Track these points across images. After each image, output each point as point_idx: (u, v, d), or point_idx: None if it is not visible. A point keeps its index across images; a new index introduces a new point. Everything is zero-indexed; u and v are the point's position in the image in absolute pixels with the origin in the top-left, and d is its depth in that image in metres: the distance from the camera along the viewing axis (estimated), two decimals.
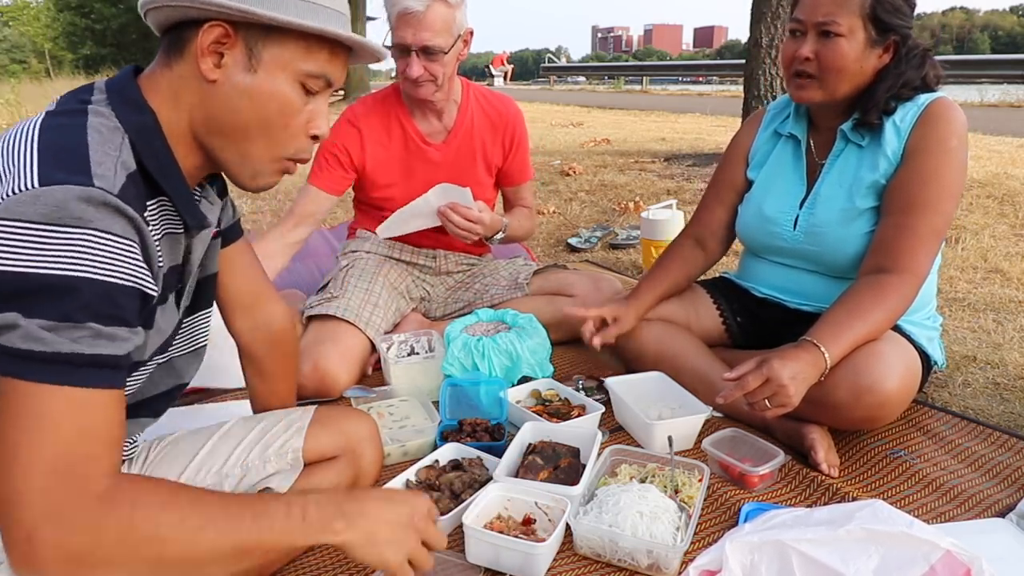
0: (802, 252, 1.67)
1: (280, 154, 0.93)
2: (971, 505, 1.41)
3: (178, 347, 1.07)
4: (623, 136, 7.94)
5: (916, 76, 1.54)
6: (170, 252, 0.94)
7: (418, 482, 1.40)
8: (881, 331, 1.45)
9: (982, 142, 6.11)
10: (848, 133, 1.61)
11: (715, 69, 20.60)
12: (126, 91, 0.87)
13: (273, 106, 0.89)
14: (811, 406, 1.49)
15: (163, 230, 0.91)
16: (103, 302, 0.75)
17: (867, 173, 1.57)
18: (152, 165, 0.85)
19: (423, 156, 2.10)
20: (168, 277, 0.94)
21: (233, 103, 0.88)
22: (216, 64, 0.86)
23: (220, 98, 0.88)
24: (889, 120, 1.55)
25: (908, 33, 1.53)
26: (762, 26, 4.58)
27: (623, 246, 3.47)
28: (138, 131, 0.85)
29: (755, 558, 1.07)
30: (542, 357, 1.91)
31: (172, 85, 0.88)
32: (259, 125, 0.89)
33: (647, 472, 1.42)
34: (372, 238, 2.20)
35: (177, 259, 0.97)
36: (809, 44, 1.53)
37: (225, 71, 0.87)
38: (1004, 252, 3.08)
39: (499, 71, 26.11)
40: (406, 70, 1.88)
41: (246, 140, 0.90)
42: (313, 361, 1.82)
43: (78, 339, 0.74)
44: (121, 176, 0.79)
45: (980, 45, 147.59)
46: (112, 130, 0.83)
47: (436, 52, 1.86)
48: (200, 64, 0.86)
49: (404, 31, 1.83)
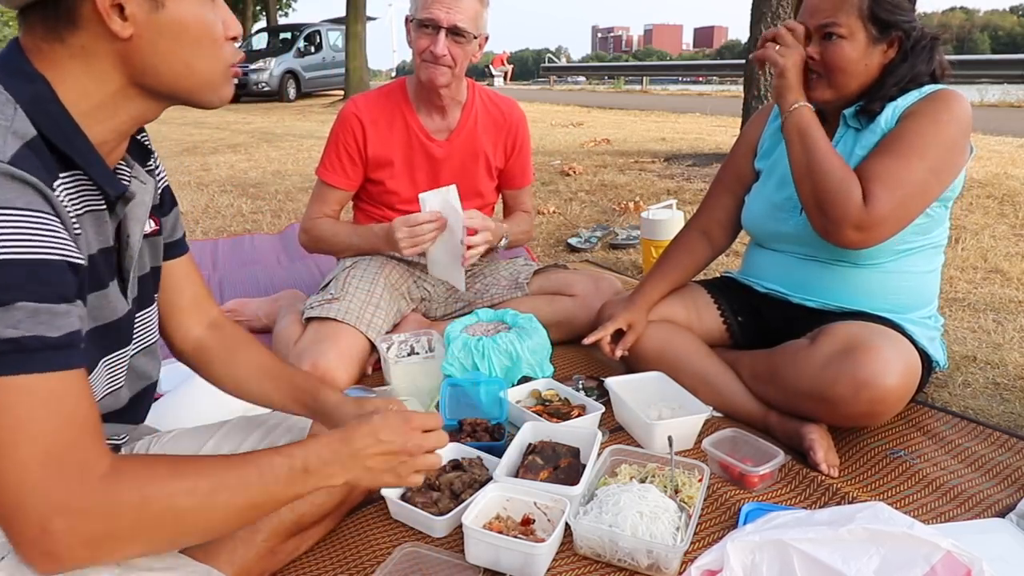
0: (806, 238, 1.67)
1: (225, 66, 0.91)
2: (971, 505, 1.41)
3: (135, 346, 1.04)
4: (623, 136, 7.94)
5: (926, 71, 1.55)
6: (97, 231, 0.89)
7: None
8: (831, 169, 1.48)
9: (982, 142, 6.10)
10: (849, 118, 1.62)
11: (715, 69, 20.59)
12: (12, 63, 0.82)
13: (196, 29, 0.86)
14: (810, 402, 1.50)
15: (83, 206, 0.86)
16: (29, 282, 0.72)
17: (861, 151, 1.57)
18: (54, 134, 0.80)
19: (425, 152, 2.10)
20: (101, 260, 0.90)
21: (159, 46, 0.84)
22: (122, 18, 0.81)
23: (144, 48, 0.84)
24: (890, 104, 1.56)
25: (911, 27, 1.53)
26: (762, 26, 4.58)
27: (623, 246, 3.47)
28: (32, 101, 0.80)
29: (756, 558, 1.07)
30: (542, 357, 1.91)
31: (76, 57, 0.82)
32: (193, 52, 0.87)
33: (647, 472, 1.42)
34: None
35: (107, 240, 0.91)
36: (813, 47, 1.56)
37: (135, 21, 0.82)
38: (1004, 252, 3.08)
39: (499, 71, 26.10)
40: (431, 47, 1.90)
41: (190, 71, 0.88)
42: (312, 361, 1.82)
43: (17, 323, 0.71)
44: (13, 144, 0.75)
45: (980, 45, 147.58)
46: (2, 103, 0.78)
47: (463, 35, 1.90)
48: (109, 26, 0.81)
49: (438, 9, 1.86)
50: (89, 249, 0.86)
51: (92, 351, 0.90)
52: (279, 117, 11.73)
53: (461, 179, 2.15)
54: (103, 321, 0.92)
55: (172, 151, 7.42)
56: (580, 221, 4.02)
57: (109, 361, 0.95)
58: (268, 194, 4.99)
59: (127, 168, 0.96)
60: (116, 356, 0.97)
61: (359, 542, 1.31)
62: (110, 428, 1.04)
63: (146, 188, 0.98)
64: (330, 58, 17.17)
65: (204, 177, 5.76)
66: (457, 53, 1.92)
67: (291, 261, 3.30)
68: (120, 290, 0.96)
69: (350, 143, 2.06)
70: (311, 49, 16.96)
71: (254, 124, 10.59)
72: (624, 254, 3.40)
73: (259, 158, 6.85)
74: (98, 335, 0.91)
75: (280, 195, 4.94)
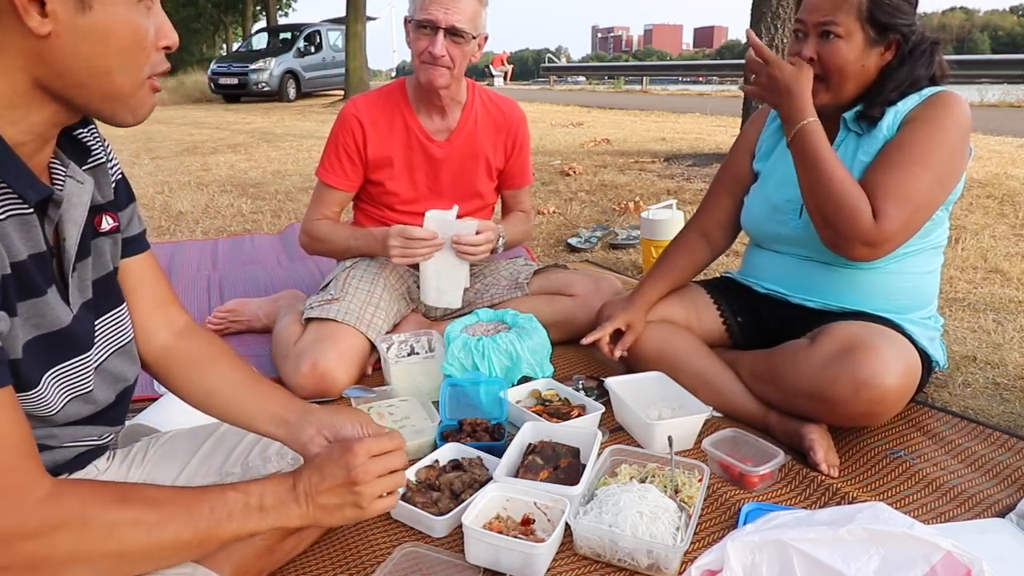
0: (806, 240, 1.67)
1: (143, 77, 0.85)
2: (971, 505, 1.41)
3: (104, 349, 1.01)
4: (623, 136, 7.93)
5: (926, 75, 1.55)
6: (24, 237, 0.83)
7: (418, 482, 1.40)
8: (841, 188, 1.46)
9: (982, 142, 6.10)
10: (849, 122, 1.61)
11: (715, 69, 20.56)
12: None
13: (124, 36, 0.81)
14: (810, 402, 1.50)
15: (5, 212, 0.80)
16: None
17: (864, 157, 1.57)
18: None
19: (425, 152, 2.10)
20: (33, 266, 0.85)
21: (80, 49, 0.78)
22: (42, 14, 0.75)
23: (63, 49, 0.78)
24: (891, 109, 1.55)
25: (910, 30, 1.53)
26: (762, 26, 4.59)
27: (623, 246, 3.47)
28: None
29: (756, 558, 1.07)
30: (542, 357, 1.91)
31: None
32: (117, 61, 0.81)
33: (647, 472, 1.42)
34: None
35: (38, 246, 0.86)
36: (810, 45, 1.55)
37: (56, 19, 0.76)
38: (1004, 252, 3.08)
39: (499, 71, 26.10)
40: (429, 48, 1.89)
41: (108, 80, 0.82)
42: (312, 361, 1.82)
43: None
44: None
45: (980, 45, 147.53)
46: None
47: (461, 36, 1.89)
48: (26, 21, 0.75)
49: (436, 10, 1.86)
50: (16, 256, 0.82)
51: (33, 363, 0.86)
52: (279, 117, 11.73)
53: (460, 179, 2.15)
54: (45, 330, 0.88)
55: (172, 151, 7.41)
56: (580, 221, 4.02)
57: (64, 369, 0.92)
58: (268, 194, 4.99)
59: (62, 168, 0.91)
60: (72, 364, 0.93)
61: (359, 542, 1.31)
62: (88, 430, 1.02)
63: (84, 187, 0.93)
64: (330, 58, 17.16)
65: (204, 177, 5.76)
66: (456, 54, 1.92)
67: (291, 261, 3.29)
68: (61, 296, 0.91)
69: (350, 144, 2.06)
70: (311, 49, 16.96)
71: (254, 124, 10.58)
72: (624, 254, 3.40)
73: (259, 158, 6.85)
74: (41, 345, 0.87)
75: (280, 195, 4.94)
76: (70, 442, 1.00)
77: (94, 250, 0.99)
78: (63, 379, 0.92)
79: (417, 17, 1.89)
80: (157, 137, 8.53)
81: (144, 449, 1.20)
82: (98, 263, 1.00)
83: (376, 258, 2.14)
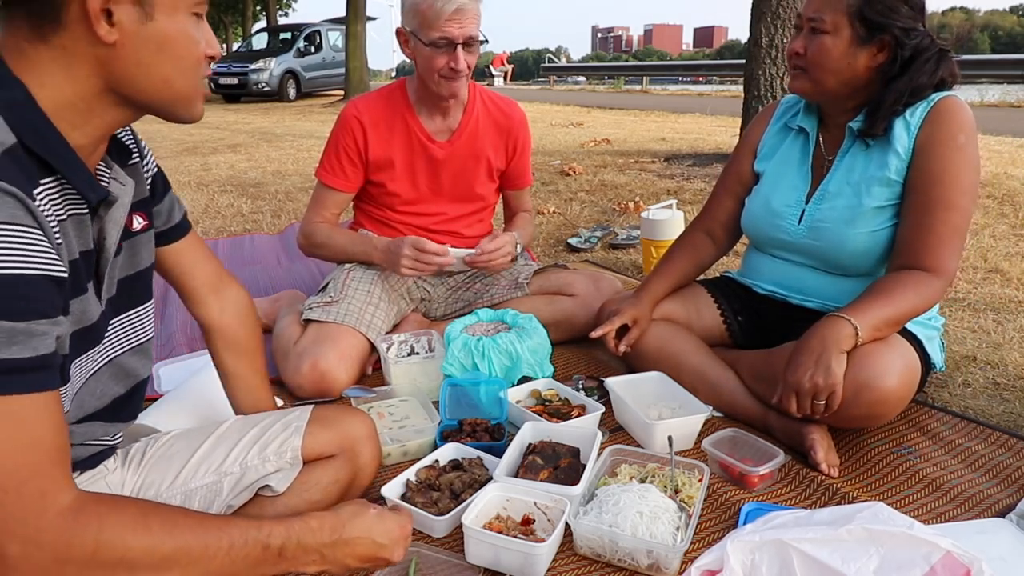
0: (804, 247, 1.67)
1: (199, 82, 0.92)
2: (971, 505, 1.41)
3: (119, 345, 1.04)
4: (623, 136, 7.94)
5: (929, 83, 1.53)
6: (79, 235, 0.88)
7: (418, 482, 1.39)
8: (908, 315, 1.47)
9: (982, 142, 6.10)
10: (856, 131, 1.61)
11: (715, 69, 20.60)
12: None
13: (181, 45, 0.87)
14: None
15: (66, 211, 0.86)
16: (8, 298, 0.71)
17: (876, 170, 1.57)
18: (33, 140, 0.80)
19: (426, 153, 2.10)
20: (82, 264, 0.89)
21: (142, 57, 0.84)
22: (109, 24, 0.81)
23: (127, 58, 0.84)
24: (898, 120, 1.55)
25: (907, 34, 1.51)
26: (762, 26, 4.58)
27: (623, 246, 3.47)
28: (8, 107, 0.79)
29: (756, 557, 1.07)
30: (542, 357, 1.91)
31: (57, 59, 0.82)
32: (174, 68, 0.88)
33: (647, 472, 1.42)
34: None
35: (88, 244, 0.91)
36: (801, 39, 1.58)
37: (121, 29, 0.82)
38: (1004, 252, 3.08)
39: (499, 71, 26.12)
40: (451, 63, 1.89)
41: (168, 86, 0.88)
42: (312, 361, 1.82)
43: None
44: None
45: (980, 45, 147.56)
46: None
47: (475, 43, 1.90)
48: (96, 29, 0.80)
49: (451, 27, 1.85)
50: (71, 255, 0.86)
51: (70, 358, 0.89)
52: (279, 117, 11.73)
53: (461, 180, 2.15)
54: (79, 325, 0.90)
55: (172, 151, 7.42)
56: (580, 221, 4.02)
57: (82, 360, 0.95)
58: (268, 194, 4.99)
59: (107, 169, 0.95)
60: (85, 357, 0.96)
61: None
62: (100, 428, 1.03)
63: (125, 189, 0.98)
64: (330, 58, 17.17)
65: (204, 177, 5.76)
66: (471, 60, 1.94)
67: (291, 261, 3.30)
68: (96, 292, 0.94)
69: (350, 145, 2.06)
70: (311, 49, 16.96)
71: (254, 124, 10.59)
72: (624, 254, 3.40)
73: (259, 158, 6.85)
74: (75, 339, 0.90)
75: (280, 195, 4.94)
76: (88, 440, 1.02)
77: (125, 249, 1.02)
78: (78, 369, 0.94)
79: (432, 37, 1.85)
80: (157, 137, 8.53)
81: (144, 449, 1.20)
82: (127, 262, 1.03)
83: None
